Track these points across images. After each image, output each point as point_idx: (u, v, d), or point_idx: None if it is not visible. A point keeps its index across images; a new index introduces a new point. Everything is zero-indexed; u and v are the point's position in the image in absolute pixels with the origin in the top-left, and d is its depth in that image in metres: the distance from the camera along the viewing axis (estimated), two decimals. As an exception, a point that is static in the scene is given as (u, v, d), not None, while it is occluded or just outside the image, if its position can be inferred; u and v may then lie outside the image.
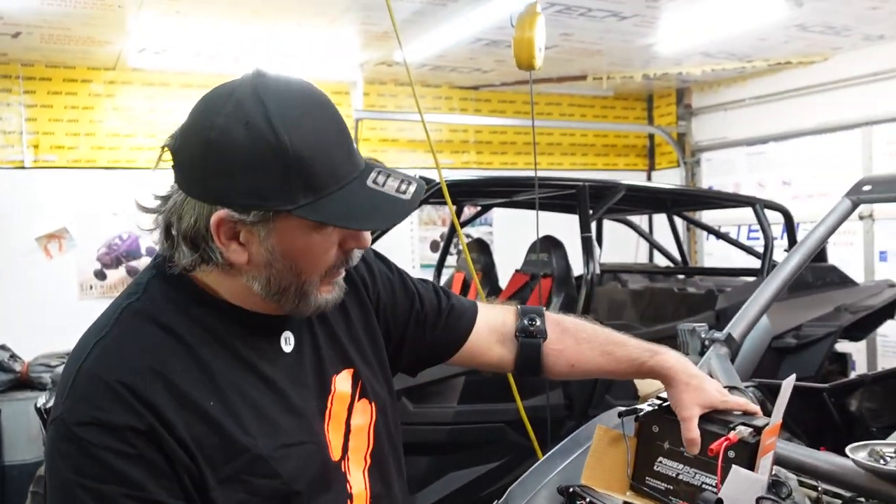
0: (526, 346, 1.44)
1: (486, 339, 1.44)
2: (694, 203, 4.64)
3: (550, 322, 1.46)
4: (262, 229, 1.02)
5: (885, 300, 4.37)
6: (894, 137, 5.64)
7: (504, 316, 1.47)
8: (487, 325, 1.44)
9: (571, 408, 3.48)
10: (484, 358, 1.45)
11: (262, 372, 1.11)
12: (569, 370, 1.49)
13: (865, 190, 2.28)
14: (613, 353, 1.48)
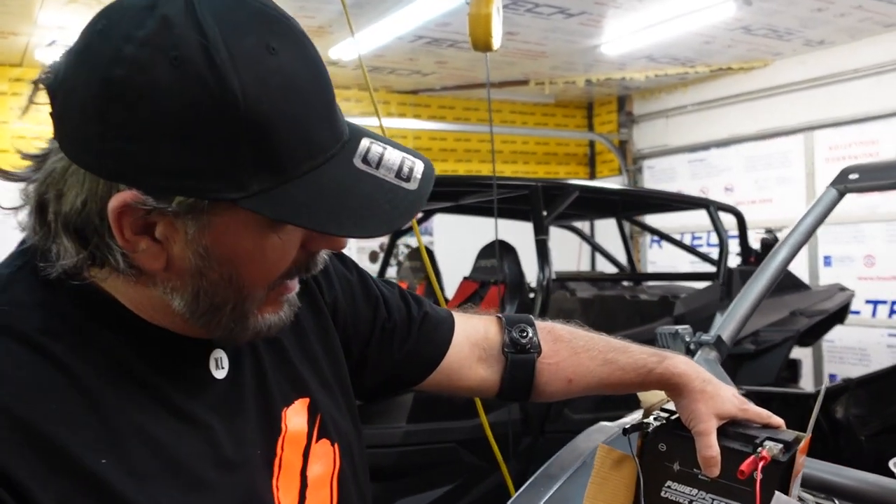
0: (517, 364, 1.14)
1: (468, 356, 1.13)
2: (647, 206, 4.49)
3: (542, 331, 1.17)
4: (191, 224, 0.69)
5: (837, 304, 4.29)
6: (836, 142, 5.63)
7: (486, 327, 1.17)
8: (468, 339, 1.14)
9: (527, 423, 3.22)
10: (463, 381, 1.14)
11: (179, 408, 0.77)
12: (565, 388, 1.20)
13: (852, 178, 2.11)
14: (617, 362, 1.21)
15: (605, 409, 3.35)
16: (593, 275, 5.39)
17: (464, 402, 2.98)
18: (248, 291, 0.74)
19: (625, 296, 4.67)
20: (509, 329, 1.15)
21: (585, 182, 4.50)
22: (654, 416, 1.34)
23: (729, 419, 1.20)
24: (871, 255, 5.44)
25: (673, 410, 1.34)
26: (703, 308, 3.84)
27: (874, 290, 5.35)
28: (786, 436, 1.27)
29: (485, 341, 1.15)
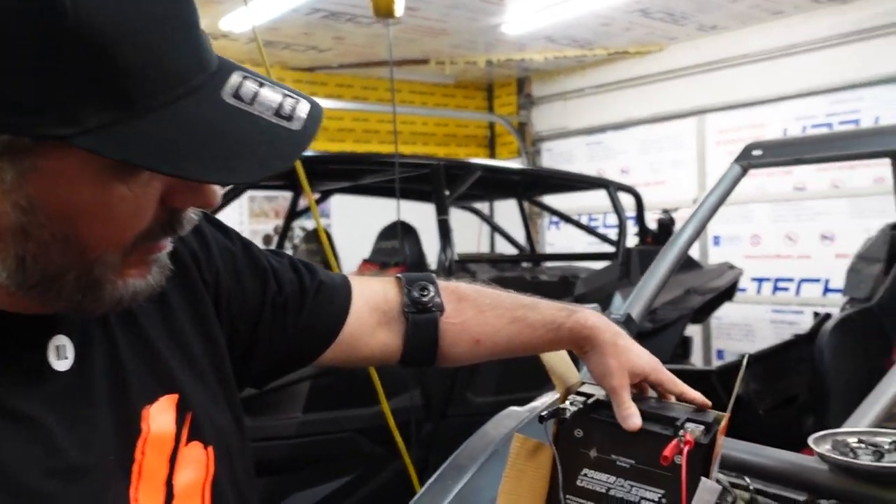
0: (418, 324, 1.04)
1: (367, 322, 1.02)
2: (548, 186, 4.46)
3: (445, 290, 1.08)
4: (8, 169, 0.55)
5: (727, 282, 4.40)
6: (726, 125, 5.80)
7: (385, 289, 1.06)
8: (367, 304, 1.03)
9: (429, 408, 3.12)
10: (364, 350, 1.03)
11: (9, 407, 0.63)
12: (473, 349, 1.11)
13: (756, 154, 2.10)
14: (525, 319, 1.12)
15: (507, 390, 3.30)
16: (494, 256, 5.35)
17: (363, 388, 2.85)
18: (94, 255, 0.61)
19: (525, 277, 4.63)
20: (409, 288, 1.05)
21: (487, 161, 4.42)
22: (569, 400, 1.25)
23: (642, 376, 1.13)
24: (758, 234, 5.65)
25: (590, 394, 1.26)
26: (602, 287, 3.85)
27: (759, 268, 5.56)
28: (705, 416, 1.21)
29: (384, 304, 1.04)
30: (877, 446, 1.18)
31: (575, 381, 1.33)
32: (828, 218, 5.27)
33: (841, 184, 5.20)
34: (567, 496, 1.21)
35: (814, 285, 5.36)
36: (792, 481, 1.25)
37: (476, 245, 6.55)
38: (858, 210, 5.09)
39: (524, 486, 1.20)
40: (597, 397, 1.24)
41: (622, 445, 1.19)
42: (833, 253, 5.20)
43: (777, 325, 5.52)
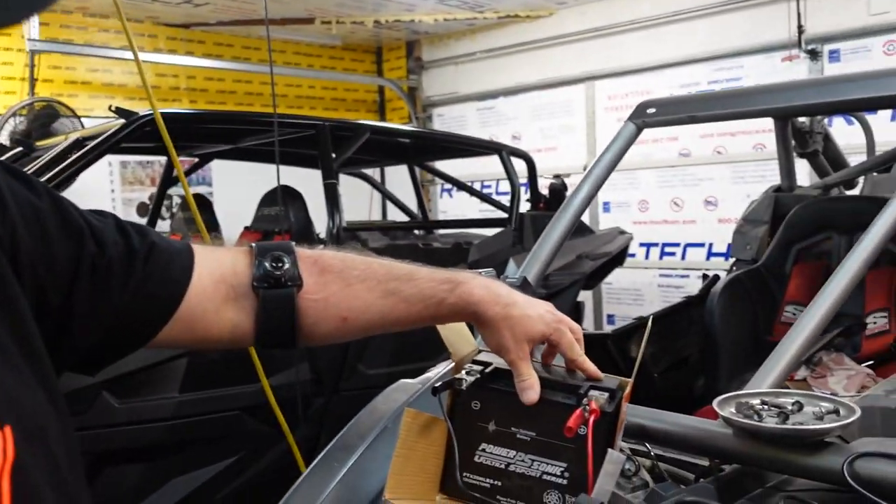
0: (270, 301, 0.91)
1: (212, 296, 0.88)
2: (440, 150, 4.34)
3: (305, 261, 0.95)
4: None
5: (618, 247, 4.44)
6: (614, 92, 5.84)
7: (234, 259, 0.92)
8: (211, 275, 0.89)
9: (319, 382, 2.97)
10: (210, 329, 0.89)
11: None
12: (340, 327, 0.97)
13: (650, 113, 2.05)
14: (400, 293, 0.99)
15: (402, 360, 3.19)
16: (386, 223, 5.21)
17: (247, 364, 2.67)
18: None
19: (418, 244, 4.53)
20: (260, 259, 0.90)
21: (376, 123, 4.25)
22: (465, 370, 1.14)
23: (542, 339, 1.03)
24: (645, 200, 5.75)
25: (487, 362, 1.15)
26: (496, 254, 3.78)
27: (647, 233, 5.67)
28: (609, 383, 1.13)
29: (233, 276, 0.90)
30: (780, 407, 1.14)
31: (471, 349, 1.22)
32: (711, 184, 5.42)
33: (723, 150, 5.35)
34: (464, 474, 1.11)
35: (698, 249, 5.52)
36: (695, 447, 1.19)
37: (367, 213, 6.39)
38: (739, 175, 5.25)
39: (415, 465, 1.08)
40: (495, 366, 1.13)
41: (522, 417, 1.09)
42: (716, 218, 5.36)
43: (664, 289, 5.66)
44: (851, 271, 1.35)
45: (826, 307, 1.31)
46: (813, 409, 1.12)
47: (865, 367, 2.14)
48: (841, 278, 1.35)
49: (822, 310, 1.31)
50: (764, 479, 1.16)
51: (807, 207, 2.58)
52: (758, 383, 1.25)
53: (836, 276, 1.35)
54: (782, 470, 1.07)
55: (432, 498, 1.11)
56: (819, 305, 1.31)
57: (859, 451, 1.02)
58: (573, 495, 1.06)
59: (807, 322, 1.30)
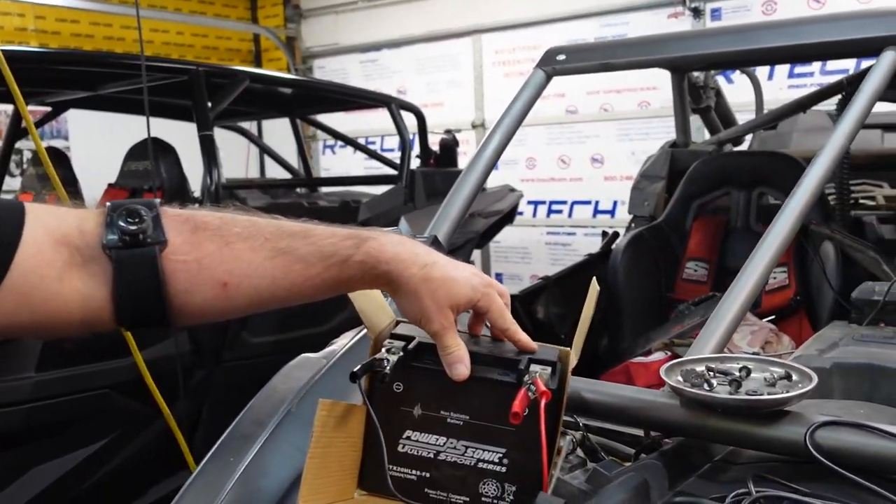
0: (127, 263, 0.72)
1: (50, 260, 0.70)
2: (324, 102, 4.09)
3: (173, 218, 0.76)
4: None
5: (509, 205, 4.38)
6: (502, 46, 5.73)
7: (80, 218, 0.74)
8: (49, 234, 0.70)
9: (200, 354, 2.72)
10: (52, 301, 0.70)
11: None
12: (220, 296, 0.78)
13: (560, 59, 1.93)
14: (294, 251, 0.81)
15: (290, 327, 2.99)
16: (268, 181, 4.91)
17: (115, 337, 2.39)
18: None
19: (302, 203, 4.28)
20: (112, 216, 0.72)
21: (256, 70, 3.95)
22: (385, 346, 0.97)
23: (468, 305, 0.88)
24: (533, 157, 5.71)
25: (409, 336, 0.99)
26: (387, 212, 3.61)
27: (534, 191, 5.64)
28: (547, 354, 1.00)
29: (79, 236, 0.72)
30: (728, 374, 1.05)
31: (389, 320, 1.05)
32: (597, 141, 5.44)
33: (609, 107, 5.37)
34: (390, 466, 0.96)
35: (585, 207, 5.56)
36: (641, 420, 1.09)
37: (244, 170, 6.04)
38: (625, 133, 5.29)
39: (332, 463, 0.91)
40: (419, 340, 0.98)
41: (453, 399, 0.94)
42: (602, 175, 5.40)
43: (551, 246, 5.68)
44: (786, 226, 1.28)
45: (762, 266, 1.24)
46: (764, 375, 1.03)
47: (767, 321, 2.14)
48: (776, 235, 1.27)
49: (758, 269, 1.23)
50: (710, 452, 1.07)
51: (707, 163, 2.55)
52: (699, 349, 1.16)
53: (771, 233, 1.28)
54: (739, 443, 0.98)
55: (351, 496, 0.95)
56: (755, 265, 1.24)
57: (820, 421, 0.94)
58: (513, 484, 0.93)
59: (745, 282, 1.22)
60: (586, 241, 5.38)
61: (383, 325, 1.02)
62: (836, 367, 1.25)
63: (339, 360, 1.25)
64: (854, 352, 1.28)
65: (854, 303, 1.41)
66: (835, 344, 1.33)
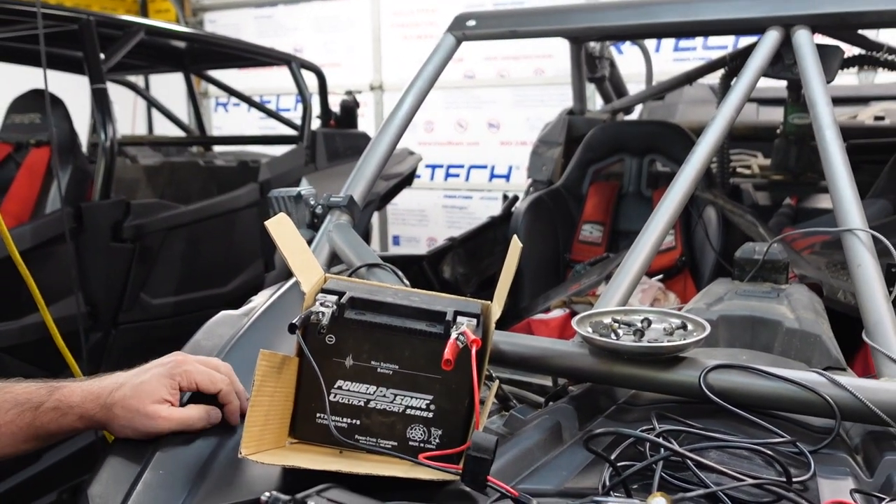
0: None
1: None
2: (221, 57, 3.96)
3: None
4: None
5: (408, 168, 4.41)
6: (401, 7, 5.70)
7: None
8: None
9: (96, 316, 2.64)
10: None
11: None
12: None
13: (470, 25, 1.97)
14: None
15: (188, 288, 2.94)
16: (162, 139, 4.73)
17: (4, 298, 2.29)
18: None
19: (198, 162, 4.16)
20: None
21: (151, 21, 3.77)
22: (318, 300, 1.01)
23: (174, 390, 0.98)
24: (431, 121, 5.75)
25: (340, 291, 1.04)
26: (288, 173, 3.58)
27: (432, 154, 5.69)
28: (470, 307, 1.07)
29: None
30: (631, 325, 1.15)
31: (318, 275, 1.09)
32: (494, 106, 5.53)
33: (506, 74, 5.46)
34: (319, 414, 1.00)
35: (482, 171, 5.66)
36: (554, 368, 1.17)
37: (130, 127, 5.78)
38: (521, 99, 5.40)
39: (272, 411, 0.95)
40: (350, 294, 1.02)
41: (383, 349, 1.00)
42: (498, 140, 5.51)
43: (448, 209, 5.77)
44: (681, 191, 1.39)
45: (659, 229, 1.34)
46: (663, 326, 1.14)
47: (656, 280, 2.29)
48: (672, 199, 1.38)
49: (656, 231, 1.34)
50: (614, 396, 1.18)
51: (604, 130, 2.68)
52: (605, 302, 1.25)
53: (667, 198, 1.39)
54: (643, 387, 1.09)
55: (283, 444, 0.99)
56: (653, 228, 1.34)
57: (711, 365, 1.05)
58: (438, 428, 1.00)
59: (644, 242, 1.33)
60: (482, 204, 5.50)
61: (315, 279, 1.06)
62: (722, 318, 1.38)
63: (261, 315, 1.27)
64: (737, 305, 1.41)
65: (736, 261, 1.55)
66: (720, 298, 1.46)
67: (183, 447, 0.96)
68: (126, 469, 0.93)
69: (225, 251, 3.18)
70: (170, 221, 2.88)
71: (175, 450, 0.95)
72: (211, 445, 0.98)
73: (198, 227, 3.04)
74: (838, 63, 1.75)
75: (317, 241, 1.57)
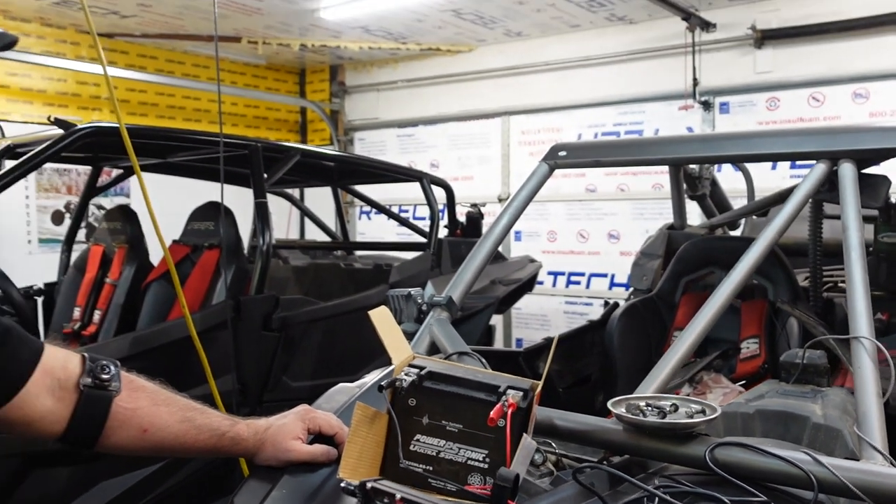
0: (91, 399, 1.12)
1: (38, 383, 1.08)
2: (364, 174, 4.54)
3: (123, 377, 1.18)
4: None
5: (528, 274, 4.73)
6: (528, 127, 6.20)
7: (66, 359, 1.13)
8: (42, 365, 1.09)
9: (245, 393, 3.10)
10: (26, 412, 1.07)
11: None
12: (138, 437, 1.19)
13: (561, 155, 2.32)
14: (194, 421, 1.25)
15: (323, 374, 3.35)
16: (310, 243, 5.34)
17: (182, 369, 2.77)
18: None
19: (339, 264, 4.69)
20: (92, 365, 1.13)
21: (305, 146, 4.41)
22: (404, 371, 1.35)
23: (305, 432, 1.34)
24: (554, 231, 6.11)
25: (422, 366, 1.37)
26: (416, 276, 3.99)
27: (555, 262, 6.02)
28: (522, 384, 1.37)
29: (62, 370, 1.11)
30: (660, 408, 1.39)
31: (408, 355, 1.43)
32: (614, 218, 5.82)
33: (626, 188, 5.77)
34: (402, 460, 1.31)
35: (602, 279, 5.91)
36: (592, 440, 1.43)
37: (285, 232, 6.49)
38: (640, 212, 5.67)
39: (364, 450, 1.28)
40: (429, 369, 1.35)
41: (451, 412, 1.31)
42: (618, 250, 5.76)
43: (570, 315, 6.01)
44: (720, 300, 1.64)
45: (699, 328, 1.59)
46: (685, 410, 1.38)
47: (739, 385, 2.46)
48: (711, 306, 1.63)
49: (696, 329, 1.59)
50: (647, 467, 1.42)
51: (694, 244, 2.91)
52: (643, 389, 1.51)
53: (707, 304, 1.64)
54: (659, 458, 1.33)
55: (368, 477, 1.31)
56: (694, 326, 1.59)
57: (718, 441, 1.28)
58: (493, 477, 1.28)
59: (685, 338, 1.58)
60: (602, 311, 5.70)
61: (403, 357, 1.40)
62: (758, 412, 1.59)
63: (369, 388, 1.62)
64: (774, 402, 1.62)
65: (781, 364, 1.75)
66: (761, 396, 1.66)
67: (305, 474, 1.30)
68: (260, 487, 1.28)
69: (357, 344, 3.59)
70: (311, 315, 3.34)
71: (298, 476, 1.30)
72: (324, 475, 1.32)
73: (335, 322, 3.48)
74: (885, 191, 1.95)
75: (420, 332, 1.92)
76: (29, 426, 1.08)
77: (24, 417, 1.07)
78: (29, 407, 1.06)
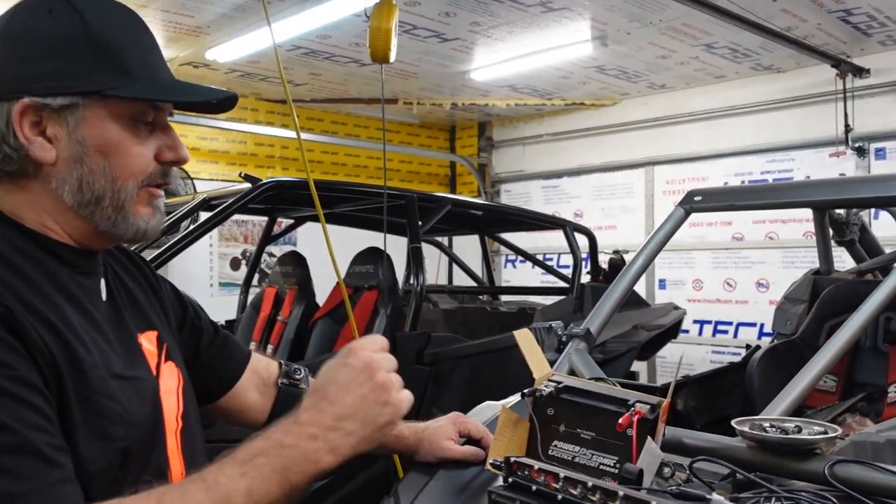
0: (287, 394, 1.37)
1: (248, 379, 1.35)
2: (509, 222, 4.79)
3: (312, 381, 1.41)
4: (70, 118, 0.93)
5: (671, 321, 4.76)
6: (672, 177, 6.25)
7: (268, 362, 1.41)
8: (251, 367, 1.36)
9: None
10: (239, 402, 1.34)
11: (87, 309, 0.97)
12: None
13: (697, 200, 2.44)
14: None
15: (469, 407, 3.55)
16: (458, 287, 5.63)
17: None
18: (120, 184, 0.97)
19: (486, 308, 4.93)
20: (287, 368, 1.40)
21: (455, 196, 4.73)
22: (543, 384, 1.54)
23: (456, 434, 1.58)
24: (700, 279, 6.07)
25: (559, 381, 1.56)
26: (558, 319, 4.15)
27: (701, 311, 5.97)
28: (651, 400, 1.52)
29: (265, 371, 1.38)
30: (784, 429, 1.50)
31: (547, 371, 1.62)
32: (763, 267, 5.72)
33: (775, 236, 5.67)
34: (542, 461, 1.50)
35: (750, 329, 5.79)
36: (718, 455, 1.55)
37: (434, 277, 6.84)
38: (790, 260, 5.54)
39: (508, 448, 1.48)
40: (566, 383, 1.54)
41: (585, 421, 1.48)
42: (767, 299, 5.64)
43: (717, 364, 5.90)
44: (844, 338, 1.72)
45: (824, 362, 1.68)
46: (808, 430, 1.48)
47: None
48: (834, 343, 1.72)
49: (824, 358, 1.68)
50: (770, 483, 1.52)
51: (839, 288, 2.91)
52: (769, 412, 1.62)
53: (831, 342, 1.72)
54: (780, 473, 1.43)
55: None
56: (818, 360, 1.68)
57: (838, 458, 1.38)
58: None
59: (810, 369, 1.67)
60: (748, 359, 5.58)
61: (544, 373, 1.60)
62: (888, 442, 1.64)
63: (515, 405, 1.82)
64: (905, 433, 1.66)
65: (918, 399, 1.78)
66: (893, 427, 1.71)
67: (457, 471, 1.52)
68: (420, 479, 1.51)
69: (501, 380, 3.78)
70: (459, 352, 3.59)
71: (451, 472, 1.52)
72: (473, 473, 1.53)
73: (481, 359, 3.71)
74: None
75: (560, 360, 2.10)
76: (241, 414, 1.36)
77: (237, 406, 1.35)
78: (242, 398, 1.34)
